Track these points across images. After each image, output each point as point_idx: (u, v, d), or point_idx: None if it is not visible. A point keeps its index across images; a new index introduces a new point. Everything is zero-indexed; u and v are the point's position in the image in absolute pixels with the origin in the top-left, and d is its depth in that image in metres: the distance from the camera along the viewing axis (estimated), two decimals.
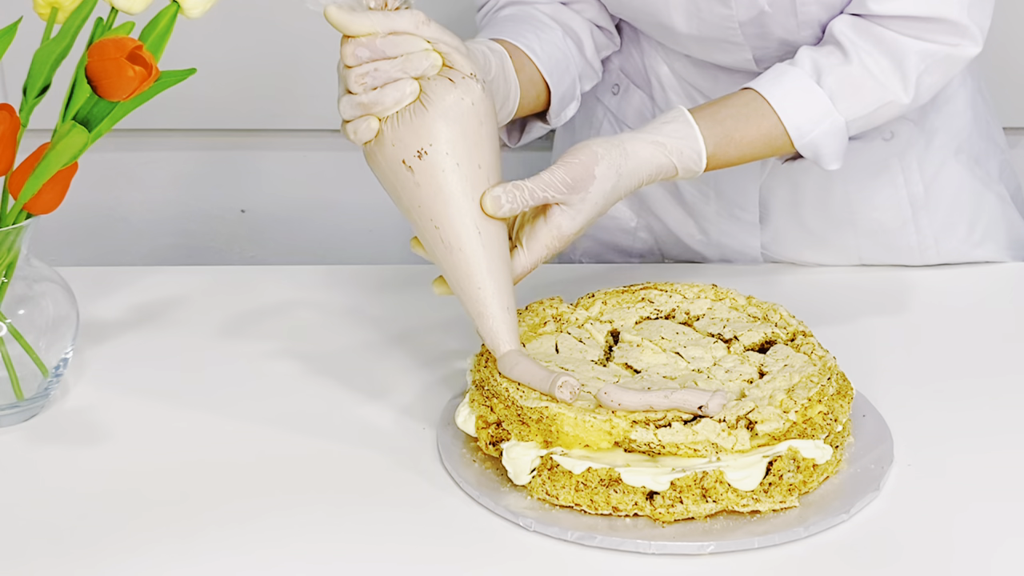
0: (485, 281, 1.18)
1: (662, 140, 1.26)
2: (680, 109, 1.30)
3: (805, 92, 1.33)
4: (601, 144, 1.23)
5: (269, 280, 1.56)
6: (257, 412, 1.30)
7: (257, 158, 2.14)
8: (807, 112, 1.32)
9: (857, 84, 1.33)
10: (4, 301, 1.25)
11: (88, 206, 2.14)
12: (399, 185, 1.19)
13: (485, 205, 1.17)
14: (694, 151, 1.28)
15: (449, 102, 1.17)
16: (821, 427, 1.16)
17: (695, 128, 1.28)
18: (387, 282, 1.54)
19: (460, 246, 1.18)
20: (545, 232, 1.21)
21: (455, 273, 1.19)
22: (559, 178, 1.20)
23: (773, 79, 1.34)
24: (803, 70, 1.33)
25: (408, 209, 1.19)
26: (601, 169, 1.21)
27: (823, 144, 1.33)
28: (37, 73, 1.21)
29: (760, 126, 1.32)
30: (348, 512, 1.15)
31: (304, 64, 2.07)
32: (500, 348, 1.19)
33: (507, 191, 1.18)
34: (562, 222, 1.21)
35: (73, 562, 1.10)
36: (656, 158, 1.26)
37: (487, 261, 1.18)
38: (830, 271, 1.57)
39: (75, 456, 1.24)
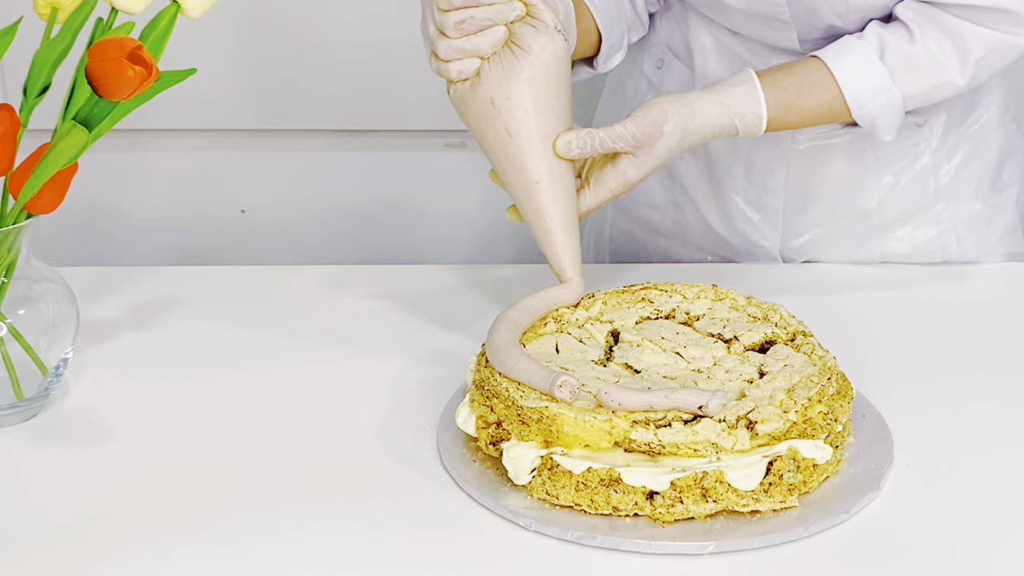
0: (554, 214, 1.30)
1: (728, 102, 1.36)
2: (748, 72, 1.39)
3: (868, 66, 1.40)
4: (672, 102, 1.33)
5: (269, 280, 1.56)
6: (257, 412, 1.30)
7: (257, 158, 2.14)
8: (867, 85, 1.40)
9: (917, 63, 1.41)
10: (4, 301, 1.25)
11: (88, 206, 2.14)
12: (484, 123, 1.30)
13: (556, 146, 1.29)
14: (756, 115, 1.37)
15: (534, 50, 1.28)
16: (821, 427, 1.16)
17: (760, 93, 1.37)
18: (387, 282, 1.54)
19: (533, 180, 1.29)
20: (611, 177, 1.32)
21: (528, 204, 1.30)
22: (630, 131, 1.30)
23: (839, 51, 1.41)
24: (869, 44, 1.41)
25: (491, 145, 1.30)
26: (669, 126, 1.32)
27: (879, 116, 1.42)
28: (37, 73, 1.21)
29: (821, 95, 1.40)
30: (348, 511, 1.15)
31: (304, 64, 2.07)
32: (565, 273, 1.31)
33: (579, 137, 1.29)
34: (628, 170, 1.32)
35: (73, 561, 1.10)
36: (720, 118, 1.35)
37: (555, 196, 1.29)
38: (830, 271, 1.57)
39: (75, 456, 1.24)
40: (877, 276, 1.56)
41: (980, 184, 1.59)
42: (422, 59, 2.07)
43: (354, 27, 2.05)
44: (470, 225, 2.18)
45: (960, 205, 1.58)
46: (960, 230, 1.58)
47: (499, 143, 1.29)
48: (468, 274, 1.56)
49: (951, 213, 1.57)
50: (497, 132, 1.29)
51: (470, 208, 2.17)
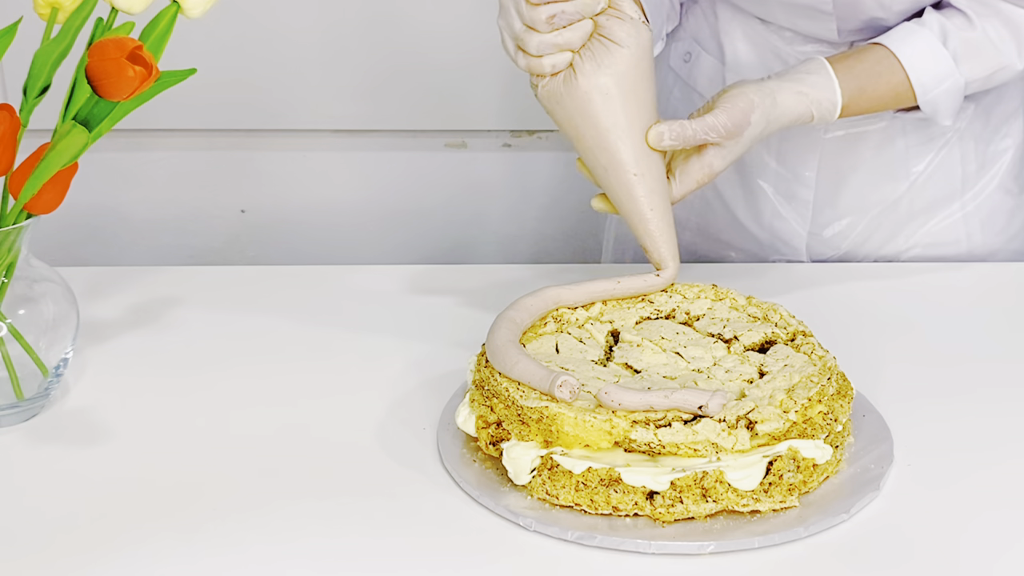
0: (653, 204, 1.31)
1: (806, 90, 1.38)
2: (820, 61, 1.40)
3: (932, 52, 1.43)
4: (756, 92, 1.34)
5: (269, 280, 1.56)
6: (257, 412, 1.30)
7: (257, 158, 2.14)
8: (933, 71, 1.43)
9: (978, 48, 1.44)
10: (4, 301, 1.25)
11: (88, 206, 2.14)
12: (580, 117, 1.30)
13: (649, 138, 1.30)
14: (831, 102, 1.39)
15: (624, 41, 1.29)
16: (821, 427, 1.16)
17: (835, 80, 1.39)
18: (387, 282, 1.54)
19: (631, 172, 1.30)
20: (697, 168, 1.33)
21: (624, 195, 1.31)
22: (721, 123, 1.32)
23: (903, 38, 1.43)
24: (931, 31, 1.43)
25: (584, 139, 1.31)
26: (756, 116, 1.33)
27: (942, 101, 1.45)
28: (37, 73, 1.21)
29: (889, 81, 1.43)
30: (348, 511, 1.15)
31: (304, 64, 2.07)
32: (665, 262, 1.32)
33: (671, 129, 1.30)
34: (714, 161, 1.33)
35: (73, 561, 1.10)
36: (799, 107, 1.37)
37: (651, 186, 1.31)
38: (830, 270, 1.57)
39: (75, 456, 1.24)
40: (877, 276, 1.56)
41: (1005, 172, 1.61)
42: (422, 59, 2.08)
43: (354, 27, 2.05)
44: (469, 225, 2.18)
45: (986, 193, 1.60)
46: (984, 219, 1.59)
47: (594, 136, 1.30)
48: (468, 274, 1.56)
49: (976, 202, 1.59)
50: (593, 125, 1.30)
51: (470, 208, 2.18)
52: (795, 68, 1.41)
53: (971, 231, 1.60)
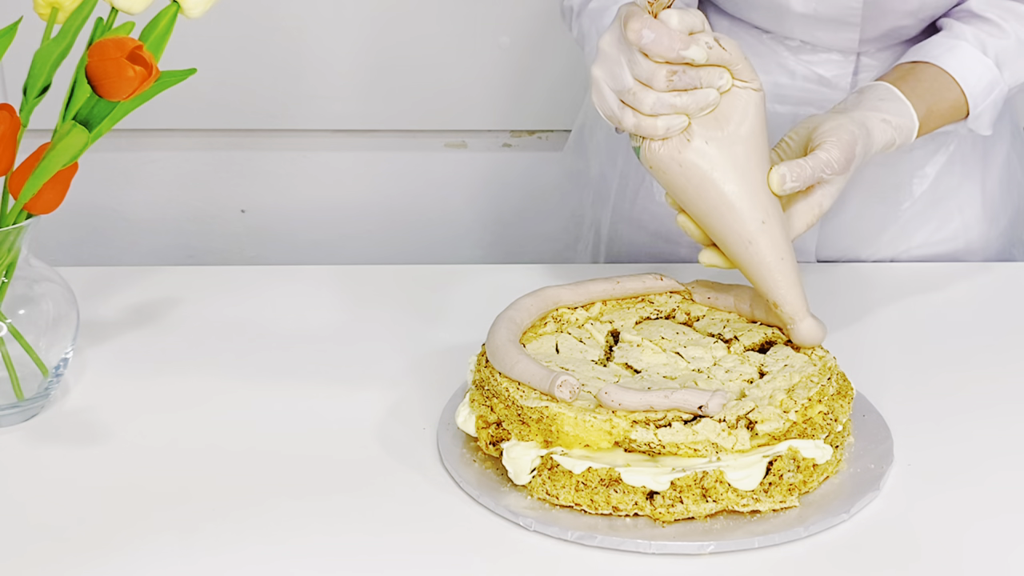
0: (778, 259, 1.22)
1: (888, 118, 1.31)
2: (887, 86, 1.35)
3: (978, 64, 1.40)
4: (851, 123, 1.26)
5: (269, 280, 1.56)
6: (257, 412, 1.30)
7: (257, 158, 2.14)
8: (982, 82, 1.41)
9: (1016, 54, 1.42)
10: (4, 301, 1.25)
11: (88, 206, 2.14)
12: (697, 188, 1.21)
13: (772, 184, 1.21)
14: (910, 129, 1.33)
15: (748, 112, 1.20)
16: (821, 427, 1.16)
17: (908, 104, 1.34)
18: (387, 282, 1.54)
19: (747, 225, 1.21)
20: (806, 209, 1.25)
21: (747, 257, 1.23)
22: (836, 157, 1.23)
23: (946, 53, 1.40)
24: (969, 43, 1.40)
25: (700, 206, 1.22)
26: (859, 148, 1.26)
27: (987, 112, 1.42)
28: (37, 73, 1.21)
29: (948, 99, 1.39)
30: (348, 511, 1.15)
31: (304, 64, 2.07)
32: (798, 317, 1.23)
33: (791, 170, 1.21)
34: (823, 200, 1.25)
35: (73, 561, 1.10)
36: (886, 135, 1.31)
37: (773, 241, 1.22)
38: (830, 271, 1.57)
39: (75, 456, 1.24)
40: (877, 276, 1.56)
41: (997, 176, 1.61)
42: (422, 59, 2.08)
43: (354, 27, 2.05)
44: (470, 225, 2.18)
45: (979, 196, 1.60)
46: (979, 219, 1.59)
47: (711, 202, 1.21)
48: (468, 274, 1.56)
49: (971, 204, 1.59)
50: (709, 192, 1.21)
51: (470, 208, 2.18)
52: (863, 97, 1.34)
53: (968, 226, 1.60)
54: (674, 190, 1.23)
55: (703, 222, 1.24)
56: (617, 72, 1.19)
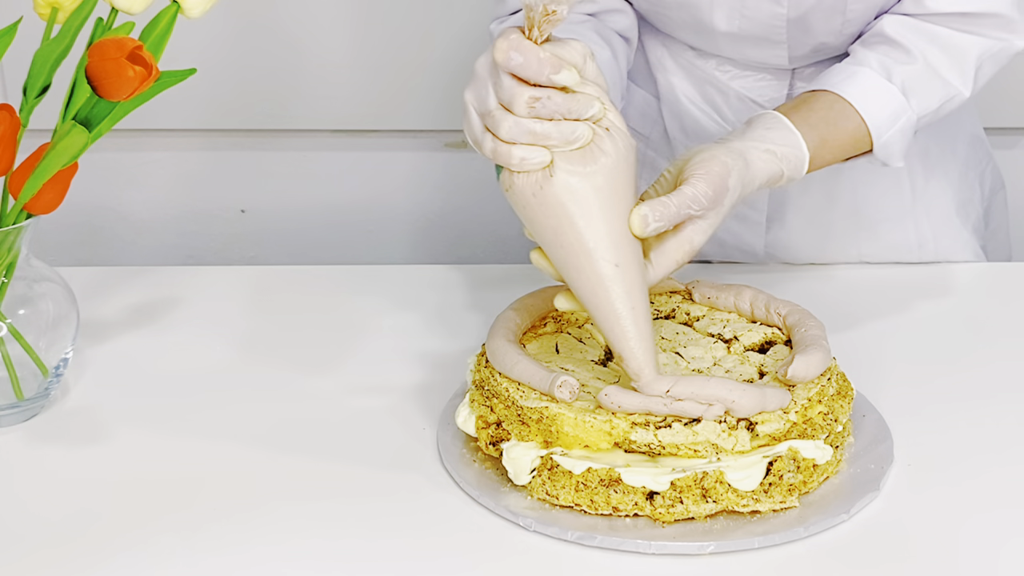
0: (630, 301, 1.13)
1: (773, 148, 1.24)
2: (775, 115, 1.27)
3: (880, 91, 1.33)
4: (725, 153, 1.18)
5: (269, 280, 1.56)
6: (257, 412, 1.30)
7: (257, 158, 2.14)
8: (885, 110, 1.33)
9: (924, 81, 1.35)
10: (4, 301, 1.25)
11: (88, 206, 2.14)
12: (549, 218, 1.13)
13: (633, 226, 1.13)
14: (799, 159, 1.26)
15: (611, 153, 1.12)
16: (821, 427, 1.16)
17: (798, 134, 1.26)
18: (387, 282, 1.54)
19: (600, 266, 1.13)
20: (675, 247, 1.16)
21: (595, 300, 1.14)
22: (701, 192, 1.15)
23: (846, 79, 1.33)
24: (872, 69, 1.34)
25: (553, 244, 1.14)
26: (732, 180, 1.17)
27: (895, 142, 1.34)
28: (37, 73, 1.21)
29: (846, 128, 1.32)
30: (348, 511, 1.15)
31: (304, 64, 2.07)
32: (643, 373, 1.14)
33: (654, 210, 1.13)
34: (694, 236, 1.16)
35: (74, 561, 1.10)
36: (770, 166, 1.23)
37: (628, 280, 1.13)
38: (830, 270, 1.57)
39: (75, 456, 1.24)
40: (877, 276, 1.56)
41: (953, 180, 1.59)
42: (422, 59, 2.08)
43: (354, 27, 2.05)
44: (470, 225, 2.18)
45: (936, 203, 1.58)
46: (936, 228, 1.58)
47: (567, 243, 1.12)
48: (468, 274, 1.56)
49: (927, 211, 1.57)
50: (567, 232, 1.12)
51: (470, 208, 2.18)
52: (751, 126, 1.25)
53: (923, 241, 1.58)
54: (530, 224, 1.14)
55: (556, 260, 1.15)
56: (483, 95, 1.11)
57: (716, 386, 1.13)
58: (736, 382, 1.14)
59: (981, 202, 1.64)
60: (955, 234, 1.59)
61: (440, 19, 2.06)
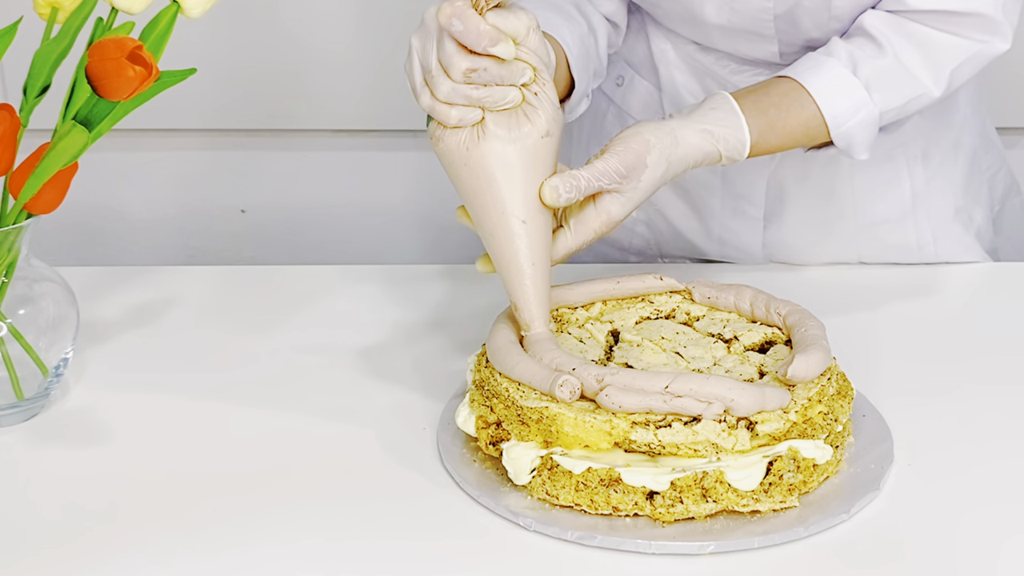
0: (531, 257, 1.21)
1: (710, 128, 1.28)
2: (725, 96, 1.31)
3: (842, 82, 1.35)
4: (652, 131, 1.24)
5: (269, 280, 1.56)
6: (257, 412, 1.30)
7: (257, 158, 2.14)
8: (844, 102, 1.35)
9: (891, 77, 1.36)
10: (4, 301, 1.25)
11: (88, 206, 2.14)
12: (472, 176, 1.21)
13: (544, 195, 1.20)
14: (739, 140, 1.30)
15: (536, 123, 1.20)
16: (821, 427, 1.16)
17: (741, 117, 1.30)
18: (387, 282, 1.54)
19: (510, 222, 1.21)
20: (594, 217, 1.24)
21: (503, 247, 1.22)
22: (612, 167, 1.22)
23: (810, 68, 1.36)
24: (839, 60, 1.36)
25: (470, 195, 1.22)
26: (653, 158, 1.23)
27: (856, 134, 1.36)
28: (37, 73, 1.21)
29: (800, 115, 1.34)
30: (348, 511, 1.15)
31: (304, 64, 2.07)
32: (534, 324, 1.22)
33: (564, 182, 1.20)
34: (612, 208, 1.23)
35: (73, 561, 1.10)
36: (704, 145, 1.27)
37: (533, 239, 1.21)
38: (829, 271, 1.57)
39: (75, 456, 1.24)
40: (877, 276, 1.56)
41: (956, 184, 1.59)
42: None
43: (353, 27, 2.05)
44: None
45: (937, 205, 1.58)
46: (937, 231, 1.58)
47: (484, 198, 1.21)
48: (468, 274, 1.56)
49: (927, 214, 1.57)
50: (487, 190, 1.21)
51: None
52: (699, 105, 1.30)
53: (923, 243, 1.58)
54: (454, 178, 1.22)
55: (473, 214, 1.23)
56: (428, 48, 1.19)
57: (715, 384, 1.13)
58: (736, 381, 1.14)
59: (990, 206, 1.63)
60: (957, 238, 1.58)
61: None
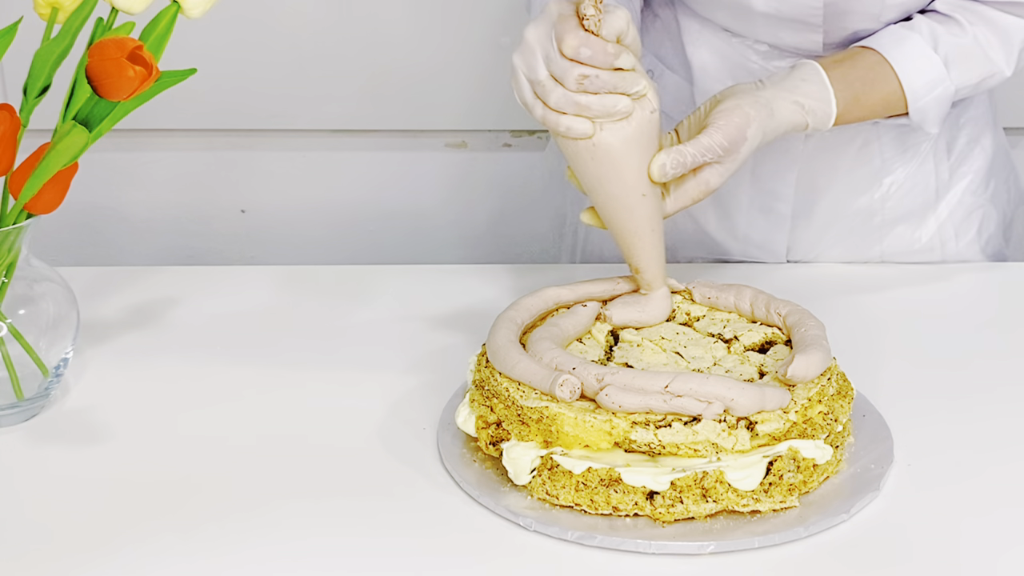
0: (651, 224, 1.27)
1: (801, 100, 1.33)
2: (815, 67, 1.36)
3: (924, 58, 1.40)
4: (751, 105, 1.29)
5: (269, 280, 1.56)
6: (257, 412, 1.30)
7: (257, 158, 2.14)
8: (924, 78, 1.40)
9: (969, 55, 1.41)
10: (4, 301, 1.25)
11: (88, 206, 2.14)
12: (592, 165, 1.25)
13: (652, 172, 1.25)
14: (827, 113, 1.35)
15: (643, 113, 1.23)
16: (821, 427, 1.16)
17: (831, 90, 1.35)
18: (387, 282, 1.54)
19: (630, 208, 1.26)
20: (693, 185, 1.28)
21: (623, 226, 1.28)
22: (717, 142, 1.26)
23: (894, 42, 1.40)
24: (921, 36, 1.40)
25: (593, 183, 1.26)
26: (752, 131, 1.28)
27: (931, 109, 1.41)
28: (37, 73, 1.21)
29: (882, 89, 1.39)
30: (348, 511, 1.15)
31: (304, 64, 2.07)
32: (654, 285, 1.29)
33: (671, 159, 1.25)
34: (711, 178, 1.28)
35: (73, 561, 1.10)
36: (794, 116, 1.32)
37: (651, 206, 1.27)
38: (829, 270, 1.57)
39: (75, 456, 1.24)
40: (877, 276, 1.56)
41: (976, 181, 1.59)
42: (422, 59, 2.08)
43: (354, 27, 2.05)
44: (470, 225, 2.18)
45: (959, 201, 1.59)
46: (958, 227, 1.58)
47: (607, 184, 1.26)
48: (468, 274, 1.56)
49: (949, 210, 1.58)
50: (608, 176, 1.25)
51: (470, 208, 2.18)
52: (789, 75, 1.35)
53: (945, 239, 1.59)
54: (580, 172, 1.27)
55: (599, 197, 1.28)
56: (534, 64, 1.22)
57: (715, 384, 1.13)
58: (736, 380, 1.14)
59: (1003, 210, 1.64)
60: (970, 241, 1.59)
61: (440, 20, 2.06)
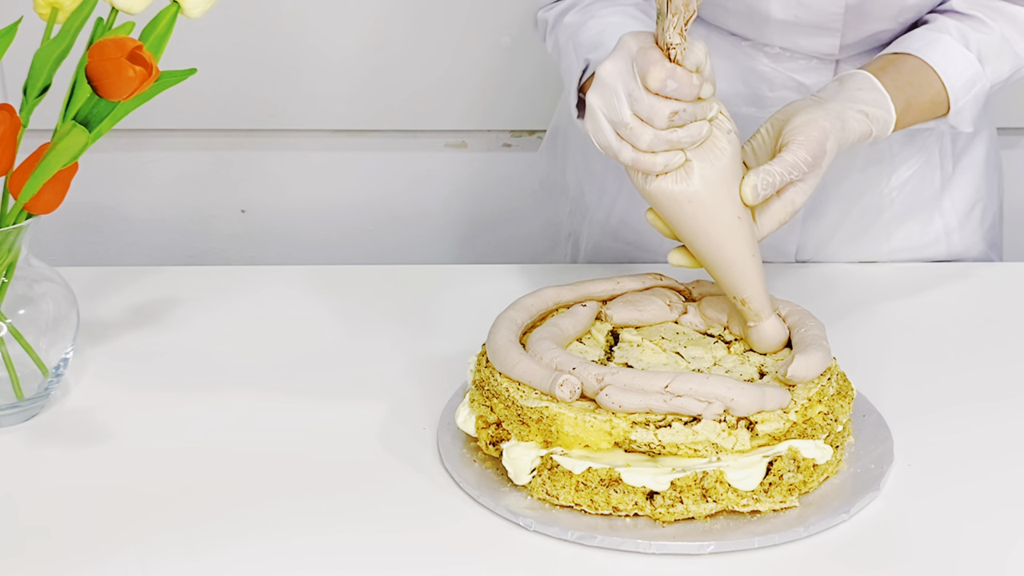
0: (751, 249, 1.23)
1: (866, 109, 1.31)
2: (867, 76, 1.34)
3: (961, 57, 1.39)
4: (824, 118, 1.25)
5: (269, 280, 1.56)
6: (257, 412, 1.30)
7: (257, 158, 2.14)
8: (963, 77, 1.39)
9: (999, 50, 1.41)
10: (4, 301, 1.25)
11: (88, 206, 2.14)
12: (688, 208, 1.21)
13: (745, 195, 1.21)
14: (887, 121, 1.33)
15: (727, 150, 1.21)
16: (821, 427, 1.16)
17: (887, 97, 1.33)
18: (387, 282, 1.54)
19: (728, 234, 1.22)
20: (779, 208, 1.24)
21: (721, 257, 1.23)
22: (802, 158, 1.23)
23: (928, 45, 1.39)
24: (951, 36, 1.39)
25: (686, 227, 1.23)
26: (830, 143, 1.25)
27: (968, 108, 1.41)
28: (37, 73, 1.21)
29: (928, 92, 1.38)
30: (348, 511, 1.15)
31: (304, 64, 2.07)
32: (763, 315, 1.24)
33: (761, 180, 1.21)
34: (795, 197, 1.24)
35: (73, 561, 1.10)
36: (861, 126, 1.30)
37: (747, 244, 1.23)
38: (829, 270, 1.57)
39: (75, 456, 1.24)
40: (877, 276, 1.56)
41: (977, 172, 1.60)
42: (422, 59, 2.08)
43: (354, 27, 2.05)
44: (470, 225, 2.18)
45: (962, 194, 1.59)
46: (962, 218, 1.59)
47: (704, 222, 1.22)
48: (468, 274, 1.56)
49: (953, 202, 1.59)
50: (705, 214, 1.21)
51: (470, 208, 2.18)
52: (843, 86, 1.33)
53: (950, 231, 1.59)
54: (669, 216, 1.23)
55: (688, 228, 1.23)
56: (615, 104, 1.18)
57: (715, 384, 1.13)
58: (736, 380, 1.14)
59: (1000, 196, 1.65)
60: (973, 230, 1.61)
61: (440, 20, 2.06)
